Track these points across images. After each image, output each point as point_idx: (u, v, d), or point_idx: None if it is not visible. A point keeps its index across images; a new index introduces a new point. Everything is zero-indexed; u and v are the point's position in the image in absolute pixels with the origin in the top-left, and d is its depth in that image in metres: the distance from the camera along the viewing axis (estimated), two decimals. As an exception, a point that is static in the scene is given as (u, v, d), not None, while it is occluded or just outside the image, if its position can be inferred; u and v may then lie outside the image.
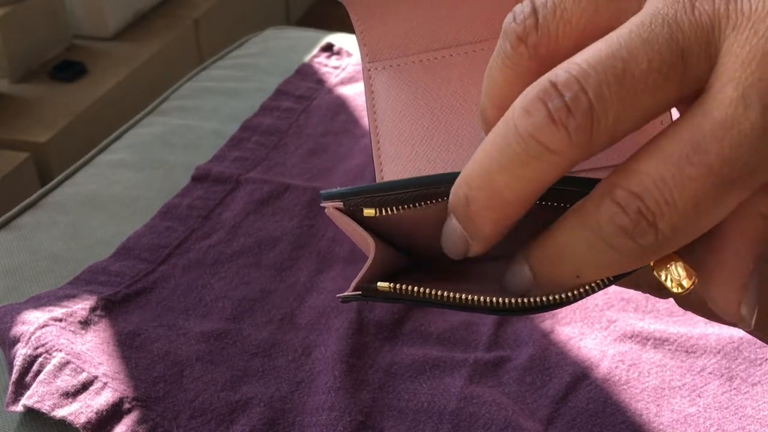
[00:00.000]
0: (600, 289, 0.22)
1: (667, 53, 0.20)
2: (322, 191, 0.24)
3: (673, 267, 0.22)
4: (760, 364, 0.45)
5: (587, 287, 0.22)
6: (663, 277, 0.22)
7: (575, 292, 0.22)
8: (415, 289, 0.23)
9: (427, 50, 0.30)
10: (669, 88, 0.20)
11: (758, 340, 0.46)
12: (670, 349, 0.46)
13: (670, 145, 0.20)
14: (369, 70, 0.31)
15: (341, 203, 0.24)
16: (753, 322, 0.22)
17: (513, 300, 0.23)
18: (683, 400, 0.43)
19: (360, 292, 0.24)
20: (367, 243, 0.24)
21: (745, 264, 0.21)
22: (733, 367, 0.45)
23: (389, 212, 0.24)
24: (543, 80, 0.20)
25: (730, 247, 0.21)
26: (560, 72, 0.20)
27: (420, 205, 0.24)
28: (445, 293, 0.23)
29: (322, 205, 0.24)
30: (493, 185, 0.21)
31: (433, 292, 0.23)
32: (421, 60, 0.30)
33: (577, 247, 0.21)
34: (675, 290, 0.22)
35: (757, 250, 0.21)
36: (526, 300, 0.23)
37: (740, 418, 0.42)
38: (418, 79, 0.30)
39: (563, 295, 0.22)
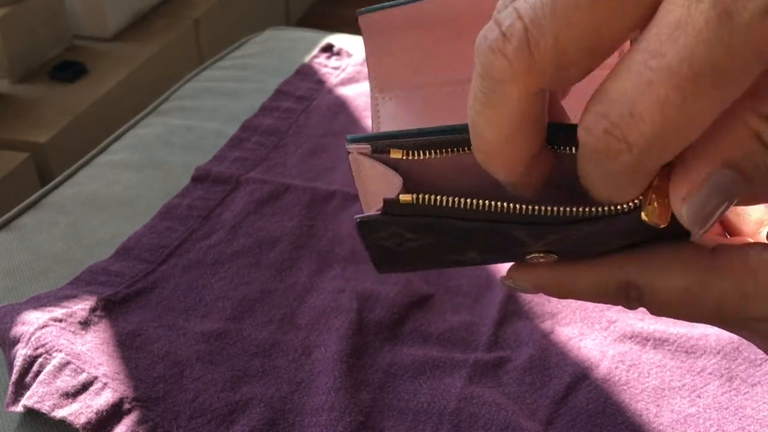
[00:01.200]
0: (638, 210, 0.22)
1: None
2: (348, 135, 0.25)
3: (654, 203, 0.22)
4: (760, 365, 0.45)
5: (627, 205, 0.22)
6: (644, 215, 0.22)
7: (617, 208, 0.22)
8: (440, 198, 0.23)
9: (431, 85, 0.32)
10: (606, 11, 0.19)
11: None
12: (670, 350, 0.46)
13: (630, 57, 0.19)
14: (377, 98, 0.33)
15: (368, 146, 0.24)
16: (700, 233, 0.21)
17: (548, 209, 0.23)
18: (683, 400, 0.43)
19: (380, 213, 0.24)
20: (392, 182, 0.24)
21: (706, 162, 0.20)
22: (733, 367, 0.45)
23: (417, 155, 0.24)
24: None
25: (698, 147, 0.20)
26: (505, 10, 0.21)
27: (449, 151, 0.24)
28: (474, 201, 0.23)
29: (347, 148, 0.25)
30: (478, 130, 0.22)
31: (460, 200, 0.23)
32: (424, 94, 0.32)
33: (591, 175, 0.22)
34: (657, 225, 0.22)
35: (725, 157, 0.20)
36: (558, 210, 0.23)
37: (740, 419, 0.42)
38: (419, 110, 0.32)
39: (602, 209, 0.23)
